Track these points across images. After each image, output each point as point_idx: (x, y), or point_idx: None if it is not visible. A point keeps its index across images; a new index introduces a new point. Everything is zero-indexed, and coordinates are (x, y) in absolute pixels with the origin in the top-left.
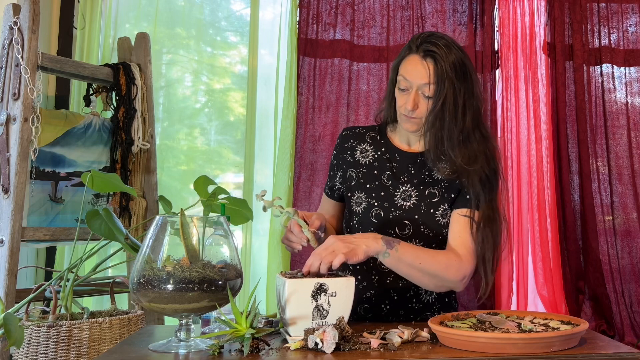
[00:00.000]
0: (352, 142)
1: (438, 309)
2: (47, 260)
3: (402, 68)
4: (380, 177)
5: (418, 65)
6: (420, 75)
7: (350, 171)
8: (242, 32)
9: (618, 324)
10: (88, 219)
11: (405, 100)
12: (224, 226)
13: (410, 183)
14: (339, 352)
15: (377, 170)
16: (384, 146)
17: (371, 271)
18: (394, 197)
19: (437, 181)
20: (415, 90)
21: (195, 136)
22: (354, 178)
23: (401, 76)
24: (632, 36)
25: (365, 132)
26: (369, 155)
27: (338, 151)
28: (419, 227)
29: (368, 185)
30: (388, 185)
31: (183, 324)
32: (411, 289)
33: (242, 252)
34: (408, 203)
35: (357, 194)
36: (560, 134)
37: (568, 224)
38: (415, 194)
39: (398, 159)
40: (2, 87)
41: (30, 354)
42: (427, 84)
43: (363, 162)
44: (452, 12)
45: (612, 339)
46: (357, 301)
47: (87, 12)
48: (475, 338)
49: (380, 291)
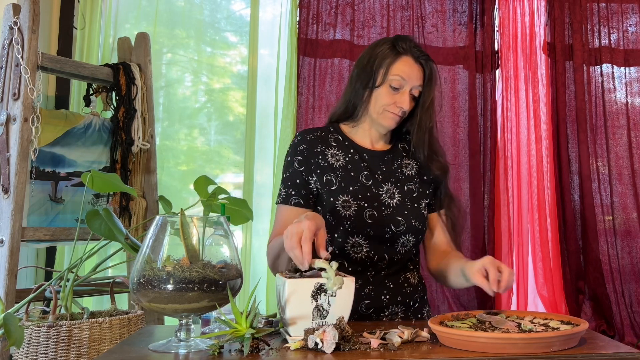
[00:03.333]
0: (320, 147)
1: (421, 289)
2: (47, 260)
3: (396, 68)
4: (359, 178)
5: (413, 66)
6: (416, 76)
7: (327, 175)
8: (242, 32)
9: (618, 324)
10: (88, 219)
11: (395, 99)
12: (224, 226)
13: (388, 181)
14: (339, 352)
15: (353, 172)
16: (350, 147)
17: (368, 269)
18: (380, 197)
19: (410, 177)
20: (408, 90)
21: (195, 136)
22: (334, 182)
23: (396, 76)
24: (632, 36)
25: (326, 134)
26: (340, 158)
27: (306, 156)
28: (411, 222)
29: (351, 188)
30: (369, 186)
31: (183, 324)
32: (401, 274)
33: (242, 252)
34: (394, 200)
35: (343, 197)
36: (560, 134)
37: (568, 224)
38: (397, 192)
39: (367, 159)
40: (2, 87)
41: (30, 354)
42: (420, 85)
43: (337, 166)
44: (452, 12)
45: (612, 339)
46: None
47: (87, 12)
48: (475, 338)
49: (377, 283)
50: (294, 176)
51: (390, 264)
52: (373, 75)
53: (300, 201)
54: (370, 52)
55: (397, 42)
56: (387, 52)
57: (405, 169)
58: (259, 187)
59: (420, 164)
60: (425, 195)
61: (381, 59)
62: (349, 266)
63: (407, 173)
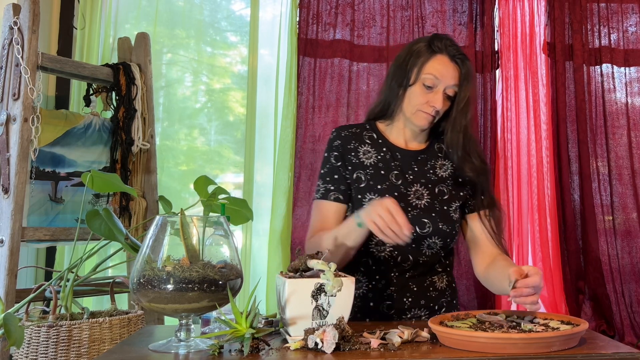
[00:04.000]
0: (353, 143)
1: (449, 294)
2: (47, 260)
3: (429, 67)
4: (389, 177)
5: (449, 66)
6: (451, 76)
7: (358, 173)
8: (242, 32)
9: (618, 324)
10: (88, 219)
11: (428, 98)
12: (224, 226)
13: (419, 182)
14: (339, 352)
15: (384, 170)
16: (383, 145)
17: (391, 269)
18: (407, 197)
19: (443, 179)
20: (442, 89)
21: (195, 136)
22: (363, 180)
23: (430, 74)
24: (632, 36)
25: (361, 131)
26: (372, 156)
27: (341, 152)
28: (438, 224)
29: (379, 187)
30: (398, 185)
31: (183, 324)
32: (427, 278)
33: (242, 252)
34: (422, 201)
35: (370, 196)
36: (560, 134)
37: (568, 224)
38: (426, 193)
39: (400, 158)
40: (2, 87)
41: (30, 354)
42: (455, 84)
43: (368, 164)
44: (452, 12)
45: (612, 339)
46: (379, 300)
47: (87, 12)
48: (475, 338)
49: (400, 286)
50: (332, 171)
51: (415, 266)
52: (407, 73)
53: (339, 196)
54: (406, 50)
55: (433, 40)
56: (422, 50)
57: (438, 170)
58: (259, 187)
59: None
60: (459, 198)
61: (416, 57)
62: (372, 264)
63: (440, 174)
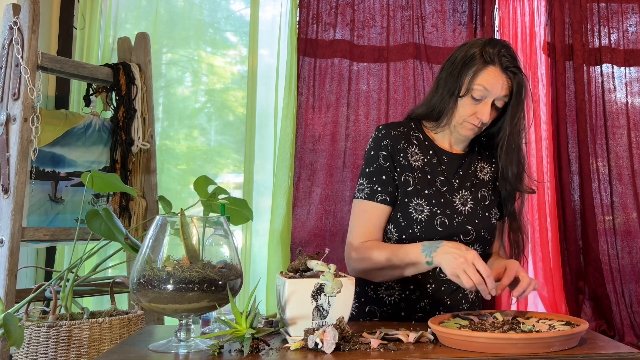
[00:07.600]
0: (403, 144)
1: (477, 306)
2: (47, 260)
3: (481, 78)
4: (435, 182)
5: (499, 77)
6: (501, 87)
7: (406, 175)
8: (242, 32)
9: (618, 324)
10: (88, 219)
11: (475, 110)
12: (224, 226)
13: (464, 187)
14: (339, 352)
15: (430, 174)
16: (430, 148)
17: (428, 280)
18: (453, 203)
19: (484, 183)
20: (490, 100)
21: (195, 136)
22: (411, 183)
23: (480, 86)
24: (632, 36)
25: (408, 131)
26: (419, 158)
27: (390, 152)
28: (480, 232)
29: (426, 191)
30: (444, 191)
31: (183, 324)
32: (460, 291)
33: (242, 252)
34: (466, 207)
35: (416, 201)
36: (560, 134)
37: (568, 224)
38: (470, 198)
39: (446, 162)
40: (2, 87)
41: (30, 354)
42: (505, 95)
43: (416, 166)
44: (452, 12)
45: (612, 339)
46: (411, 311)
47: (87, 12)
48: (475, 338)
49: (435, 300)
50: (379, 172)
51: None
52: (459, 83)
53: (386, 198)
54: (461, 54)
55: (486, 47)
56: (475, 58)
57: (479, 173)
58: (259, 187)
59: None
60: (495, 203)
61: (468, 67)
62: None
63: (482, 178)
